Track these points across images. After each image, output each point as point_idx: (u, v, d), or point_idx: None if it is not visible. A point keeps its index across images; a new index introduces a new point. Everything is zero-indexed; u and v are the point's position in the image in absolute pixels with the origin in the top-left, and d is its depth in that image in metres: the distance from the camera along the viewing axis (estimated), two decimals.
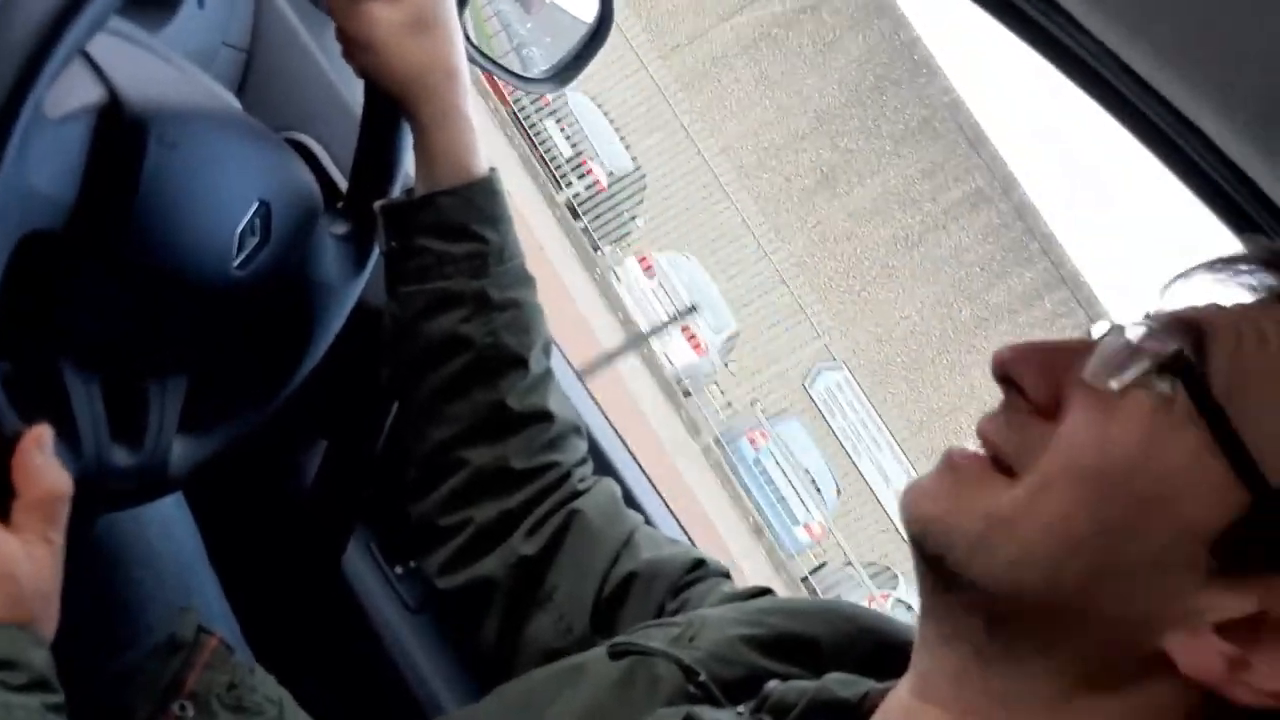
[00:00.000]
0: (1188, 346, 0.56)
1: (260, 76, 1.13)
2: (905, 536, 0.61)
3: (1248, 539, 0.54)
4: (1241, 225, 0.73)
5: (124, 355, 0.82)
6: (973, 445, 0.63)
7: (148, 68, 0.84)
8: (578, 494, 0.98)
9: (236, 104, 0.96)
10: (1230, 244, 0.66)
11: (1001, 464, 0.60)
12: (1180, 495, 0.55)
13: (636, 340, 10.29)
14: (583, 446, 1.03)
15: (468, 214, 0.98)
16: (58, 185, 0.73)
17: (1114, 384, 0.58)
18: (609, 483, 1.02)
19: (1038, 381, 0.60)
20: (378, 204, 0.99)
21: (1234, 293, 0.60)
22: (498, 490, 0.97)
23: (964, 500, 0.59)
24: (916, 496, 0.61)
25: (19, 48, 0.65)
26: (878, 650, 0.75)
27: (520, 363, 0.99)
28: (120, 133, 0.76)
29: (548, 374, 1.02)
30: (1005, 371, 0.61)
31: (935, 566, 0.59)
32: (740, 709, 0.66)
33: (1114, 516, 0.55)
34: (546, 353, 1.02)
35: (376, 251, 1.02)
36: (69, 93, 0.74)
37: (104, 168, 0.75)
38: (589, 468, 1.03)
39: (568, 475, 0.99)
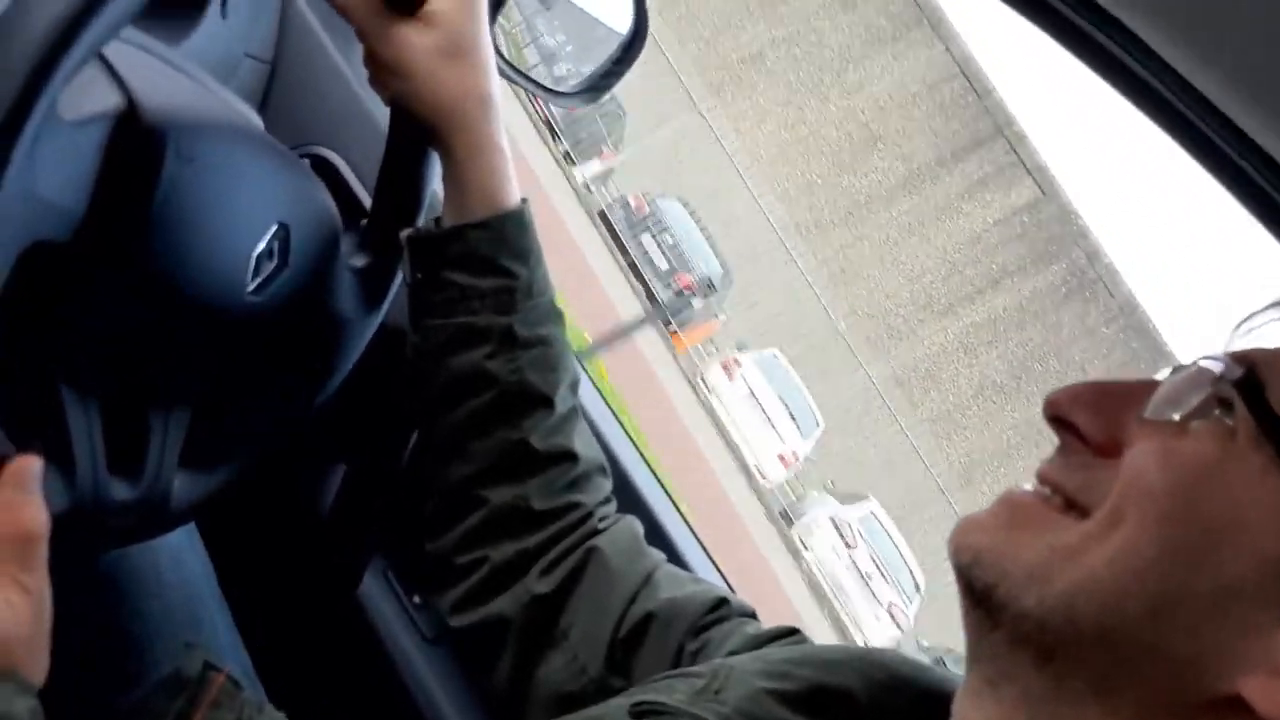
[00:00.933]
0: (1246, 375, 0.55)
1: (284, 89, 1.11)
2: (955, 573, 0.58)
3: None
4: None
5: (127, 381, 0.79)
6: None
7: (168, 79, 0.81)
8: (597, 532, 0.96)
9: (259, 121, 0.93)
10: None
11: (1069, 504, 0.57)
12: (1251, 522, 0.52)
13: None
14: (607, 486, 1.00)
15: (497, 248, 0.95)
16: (68, 194, 0.70)
17: (1175, 415, 0.56)
18: (631, 520, 0.99)
19: (1094, 420, 0.58)
20: (404, 234, 0.96)
21: None
22: (516, 530, 0.95)
23: (1025, 534, 0.57)
24: (969, 527, 0.59)
25: (36, 41, 0.62)
26: (915, 701, 0.71)
27: (545, 401, 0.96)
28: (137, 142, 0.72)
29: (573, 413, 0.99)
30: (1058, 413, 0.59)
31: (985, 598, 0.57)
32: None
33: (1182, 544, 0.53)
34: (574, 390, 0.99)
35: (397, 282, 0.99)
36: (85, 97, 0.71)
37: (118, 178, 0.72)
38: (612, 506, 1.00)
39: (589, 515, 0.97)
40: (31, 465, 0.68)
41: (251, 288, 0.82)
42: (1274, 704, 0.51)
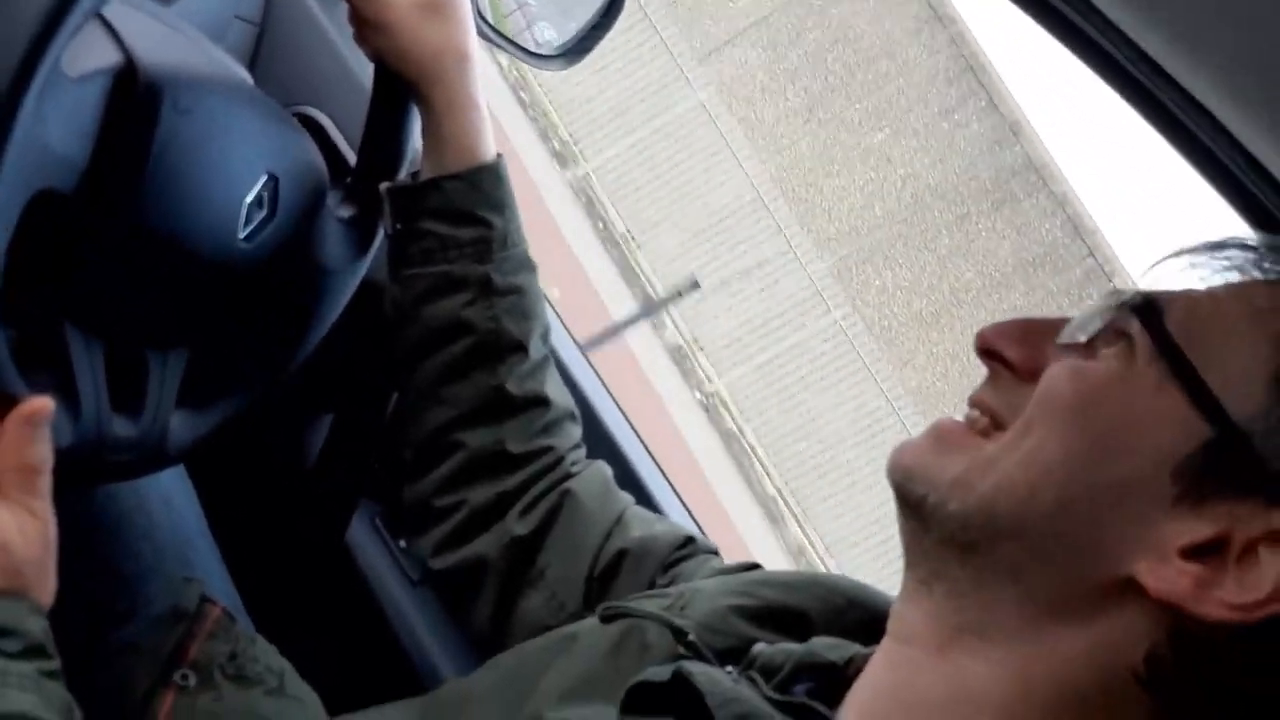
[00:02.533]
0: (1145, 302, 0.61)
1: (271, 50, 1.13)
2: (892, 489, 0.64)
3: (1208, 467, 0.57)
4: (1262, 222, 0.72)
5: (128, 322, 0.83)
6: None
7: (163, 37, 0.84)
8: (570, 475, 0.99)
9: (248, 77, 0.96)
10: None
11: (995, 423, 0.63)
12: (1145, 427, 0.58)
13: None
14: (577, 432, 1.04)
15: (474, 199, 0.98)
16: (71, 145, 0.74)
17: (1081, 336, 0.62)
18: (601, 465, 1.03)
19: (1019, 350, 0.64)
20: (383, 186, 1.00)
21: (1210, 276, 0.64)
22: (493, 473, 0.98)
23: (948, 454, 0.63)
24: (901, 451, 0.65)
25: (43, 2, 0.66)
26: (865, 622, 0.76)
27: (520, 348, 0.99)
28: (135, 96, 0.76)
29: (546, 360, 1.03)
30: (987, 345, 0.65)
31: (917, 509, 0.62)
32: (729, 669, 0.66)
33: (1083, 447, 0.59)
34: (545, 339, 1.03)
35: (381, 234, 1.02)
36: (87, 54, 0.74)
37: (117, 130, 0.76)
38: (583, 452, 1.04)
39: (562, 459, 1.00)
40: (44, 404, 0.73)
41: (242, 235, 0.86)
42: (1159, 582, 0.56)
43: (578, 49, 1.19)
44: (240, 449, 1.10)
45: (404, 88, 0.99)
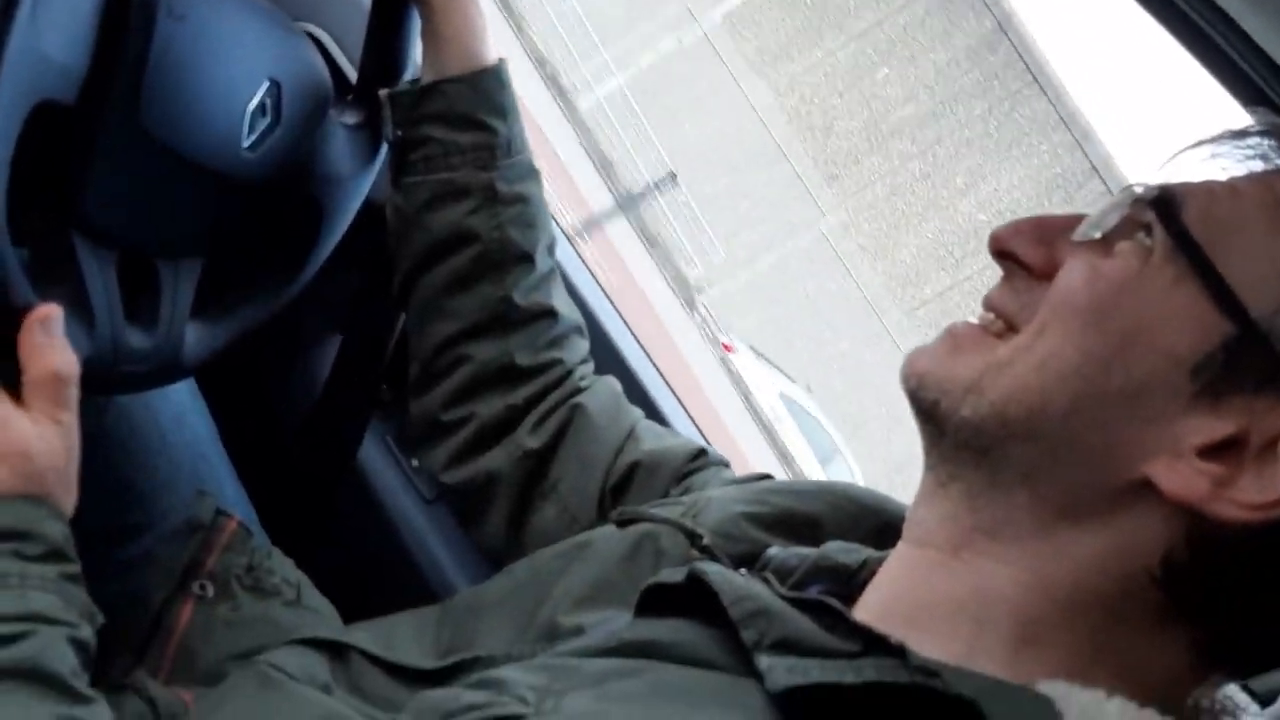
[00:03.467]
0: (1162, 197, 0.60)
1: None
2: (907, 396, 0.63)
3: (1226, 365, 0.56)
4: (1251, 97, 0.71)
5: (136, 232, 0.82)
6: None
7: None
8: (580, 390, 0.99)
9: None
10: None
11: (1009, 326, 0.62)
12: (1162, 326, 0.57)
13: None
14: (584, 346, 1.03)
15: (476, 103, 0.97)
16: (69, 53, 0.73)
17: (1098, 234, 0.61)
18: (611, 380, 1.02)
19: (1033, 249, 0.62)
20: (383, 91, 0.98)
21: (1233, 166, 0.62)
22: (502, 386, 0.98)
23: (961, 358, 0.62)
24: (915, 356, 0.63)
25: None
26: (878, 527, 0.76)
27: (527, 259, 0.98)
28: (130, 2, 0.75)
29: (552, 272, 1.01)
30: (1002, 247, 0.63)
31: (932, 413, 0.61)
32: (743, 570, 0.67)
33: (1098, 347, 0.58)
34: (551, 250, 1.02)
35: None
36: None
37: (114, 37, 0.75)
38: (590, 366, 1.03)
39: (570, 372, 1.00)
40: (53, 311, 0.73)
41: (247, 144, 0.85)
42: (1173, 480, 0.56)
43: None
44: (253, 368, 1.10)
45: None
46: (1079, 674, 0.55)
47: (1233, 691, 0.61)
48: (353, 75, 1.05)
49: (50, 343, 0.73)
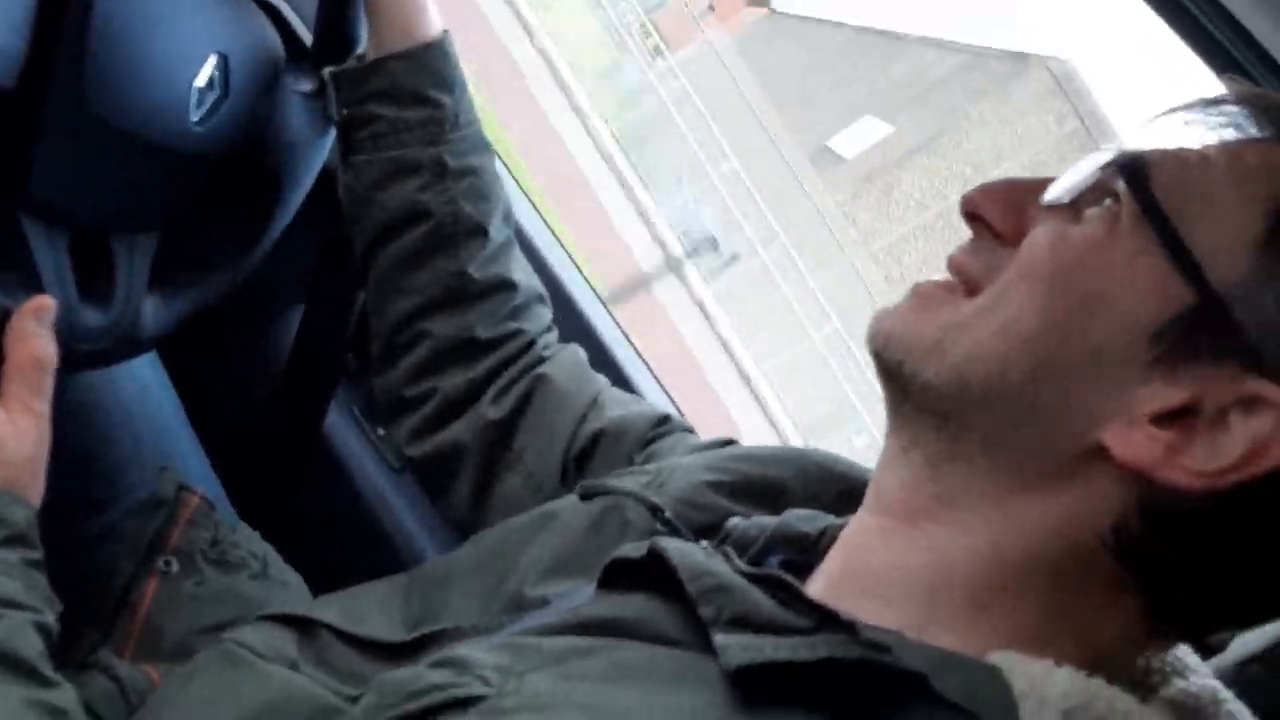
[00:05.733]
0: (1132, 163, 0.59)
1: None
2: (872, 358, 0.63)
3: (1185, 333, 0.56)
4: (1224, 65, 0.71)
5: (87, 210, 0.81)
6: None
7: None
8: (543, 360, 0.99)
9: None
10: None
11: (971, 288, 0.62)
12: (1123, 291, 0.57)
13: None
14: (547, 315, 1.03)
15: (420, 78, 0.96)
16: (7, 37, 0.72)
17: (1066, 197, 0.61)
18: (574, 348, 1.02)
19: (1003, 212, 0.62)
20: (326, 71, 0.97)
21: (1205, 134, 0.61)
22: (463, 359, 0.97)
23: (925, 316, 0.62)
24: (880, 317, 0.63)
25: None
26: (843, 495, 0.76)
27: (481, 231, 0.98)
28: None
29: (509, 242, 1.01)
30: (972, 209, 0.63)
31: (895, 375, 0.61)
32: (704, 543, 0.67)
33: (1059, 312, 0.58)
34: (507, 221, 1.01)
35: None
36: None
37: (51, 19, 0.74)
38: (554, 335, 1.03)
39: (532, 342, 0.99)
40: (47, 302, 0.74)
41: (196, 118, 0.84)
42: (1126, 446, 0.56)
43: None
44: (216, 339, 1.09)
45: None
46: (1031, 641, 0.56)
47: (1183, 652, 0.61)
48: (309, 40, 1.04)
49: (39, 332, 0.74)
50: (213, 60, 0.85)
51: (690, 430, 0.95)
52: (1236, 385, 0.55)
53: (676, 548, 0.61)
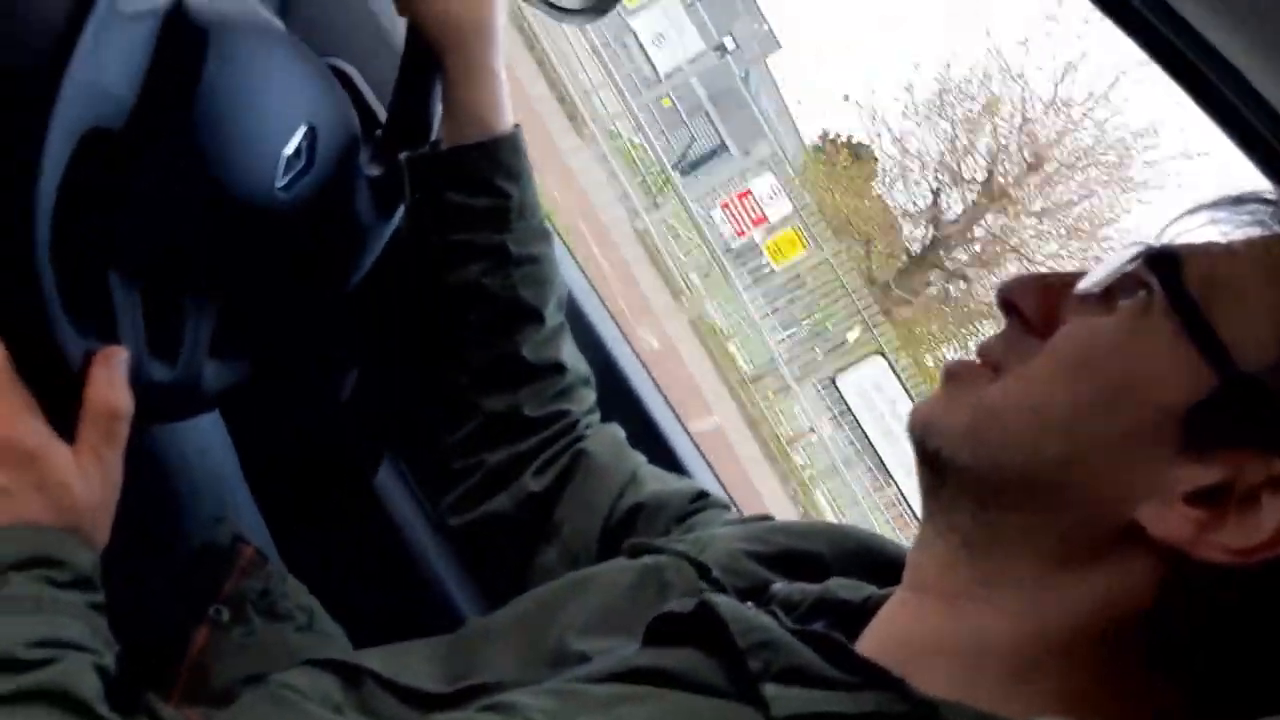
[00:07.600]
0: (1163, 255, 0.62)
1: (303, 1, 1.14)
2: (912, 446, 0.65)
3: (1216, 417, 0.58)
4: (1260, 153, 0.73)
5: (167, 267, 0.84)
6: None
7: None
8: (584, 438, 1.03)
9: (283, 28, 0.98)
10: None
11: (992, 366, 0.65)
12: (1154, 377, 0.59)
13: None
14: (591, 397, 1.07)
15: (491, 169, 1.01)
16: (122, 83, 0.76)
17: (1098, 289, 0.63)
18: (614, 426, 1.06)
19: (1035, 303, 0.65)
20: (403, 156, 1.02)
21: (1231, 231, 0.64)
22: (510, 436, 1.02)
23: (956, 400, 0.64)
24: (918, 407, 0.66)
25: None
26: (879, 565, 0.78)
27: (537, 316, 1.03)
28: (183, 38, 0.78)
29: (562, 327, 1.06)
30: (1006, 298, 0.66)
31: (933, 461, 0.63)
32: (749, 603, 0.68)
33: (1091, 397, 0.60)
34: (561, 307, 1.06)
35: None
36: None
37: (165, 71, 0.77)
38: (597, 416, 1.07)
39: (576, 422, 1.03)
40: (122, 353, 0.77)
41: (281, 184, 0.88)
42: (1160, 524, 0.58)
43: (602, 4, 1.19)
44: (272, 396, 1.12)
45: (430, 53, 1.01)
46: (1072, 712, 0.57)
47: None
48: (380, 113, 1.08)
49: (114, 380, 0.76)
50: (302, 131, 0.89)
51: (727, 506, 0.98)
52: (1267, 465, 0.57)
53: (726, 603, 0.63)
